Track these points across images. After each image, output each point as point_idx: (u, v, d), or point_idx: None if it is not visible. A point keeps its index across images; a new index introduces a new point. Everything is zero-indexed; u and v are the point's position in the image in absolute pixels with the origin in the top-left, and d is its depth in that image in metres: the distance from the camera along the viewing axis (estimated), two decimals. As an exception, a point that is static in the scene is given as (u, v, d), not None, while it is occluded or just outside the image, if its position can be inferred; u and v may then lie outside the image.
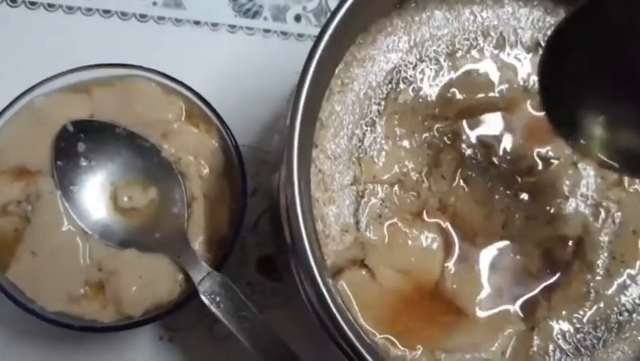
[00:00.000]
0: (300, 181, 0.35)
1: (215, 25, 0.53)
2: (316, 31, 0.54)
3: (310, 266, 0.35)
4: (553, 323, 0.42)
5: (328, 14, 0.54)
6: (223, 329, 0.49)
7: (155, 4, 0.53)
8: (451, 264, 0.41)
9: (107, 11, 0.52)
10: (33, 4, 0.52)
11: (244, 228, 0.50)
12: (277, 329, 0.42)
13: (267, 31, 0.54)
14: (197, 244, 0.43)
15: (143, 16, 0.53)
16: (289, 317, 0.48)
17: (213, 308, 0.41)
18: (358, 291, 0.40)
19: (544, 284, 0.42)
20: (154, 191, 0.43)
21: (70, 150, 0.43)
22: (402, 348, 0.40)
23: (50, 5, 0.52)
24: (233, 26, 0.54)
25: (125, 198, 0.43)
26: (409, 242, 0.41)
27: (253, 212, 0.51)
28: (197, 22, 0.53)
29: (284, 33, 0.54)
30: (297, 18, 0.54)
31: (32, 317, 0.41)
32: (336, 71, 0.42)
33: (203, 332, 0.49)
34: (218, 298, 0.42)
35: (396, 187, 0.41)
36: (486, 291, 0.42)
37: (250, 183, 0.49)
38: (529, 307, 0.42)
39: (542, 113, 0.43)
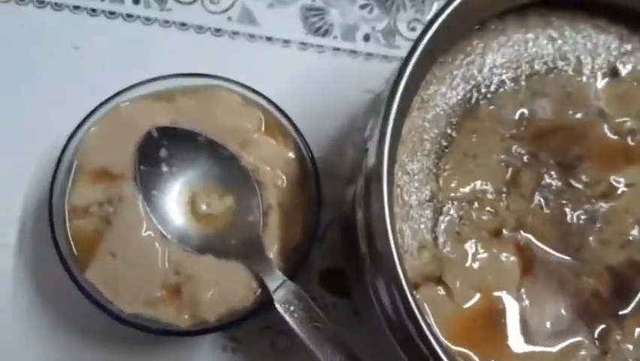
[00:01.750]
0: (389, 193, 0.36)
1: (287, 42, 0.55)
2: (385, 51, 0.56)
3: (399, 278, 0.35)
4: (627, 348, 0.41)
5: (397, 35, 0.56)
6: (286, 342, 0.49)
7: (229, 19, 0.54)
8: (526, 284, 0.42)
9: (183, 24, 0.54)
10: (112, 13, 0.54)
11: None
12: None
13: (336, 49, 0.55)
14: (272, 252, 0.44)
15: (218, 30, 0.54)
16: (352, 334, 0.49)
17: (287, 317, 0.42)
18: (435, 306, 0.40)
19: (618, 310, 0.42)
20: (231, 198, 0.44)
21: (154, 156, 0.44)
22: (477, 363, 0.40)
23: (129, 16, 0.54)
24: (304, 44, 0.55)
25: (204, 205, 0.44)
26: (487, 261, 0.41)
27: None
28: (269, 39, 0.54)
29: (353, 52, 0.55)
30: (366, 37, 0.55)
31: (104, 319, 0.41)
32: (417, 88, 0.43)
33: (266, 344, 0.50)
34: (292, 308, 0.42)
35: (474, 204, 0.42)
36: (559, 314, 0.42)
37: (320, 195, 0.50)
38: (602, 332, 0.41)
39: (617, 137, 0.44)
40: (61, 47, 0.53)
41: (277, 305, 0.42)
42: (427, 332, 0.35)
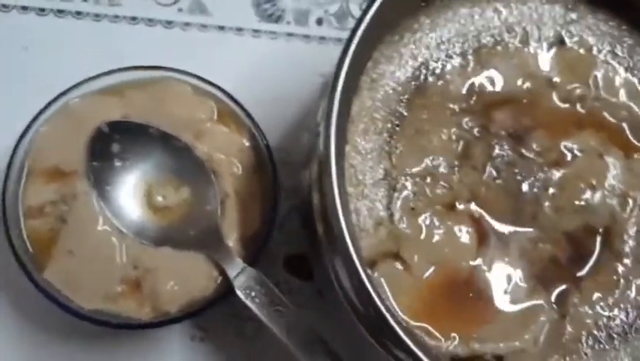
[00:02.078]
0: (338, 175, 0.36)
1: (239, 30, 0.54)
2: (338, 34, 0.56)
3: (351, 258, 0.35)
4: (585, 311, 0.42)
5: (350, 17, 0.56)
6: (253, 329, 0.49)
7: (180, 10, 0.54)
8: (483, 255, 0.42)
9: (133, 18, 0.53)
10: (61, 12, 0.53)
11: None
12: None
13: (289, 35, 0.55)
14: (232, 240, 0.44)
15: (169, 22, 0.54)
16: (318, 315, 0.49)
17: (249, 303, 0.42)
18: (393, 282, 0.41)
19: (575, 273, 0.43)
20: (187, 189, 0.44)
21: (105, 151, 0.43)
22: (437, 337, 0.40)
23: (78, 13, 0.53)
24: (257, 31, 0.55)
25: (159, 198, 0.44)
26: (443, 234, 0.42)
27: (279, 211, 0.52)
28: (221, 28, 0.54)
29: (306, 36, 0.55)
30: (319, 21, 0.55)
31: (67, 316, 0.41)
32: (366, 67, 0.43)
33: (233, 332, 0.50)
34: (253, 293, 0.42)
35: (427, 179, 0.42)
36: (518, 281, 0.42)
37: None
38: (560, 296, 0.42)
39: (567, 106, 0.45)
40: (11, 48, 0.52)
41: (238, 292, 0.42)
42: (383, 310, 0.35)
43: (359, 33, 0.38)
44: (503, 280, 0.42)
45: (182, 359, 0.49)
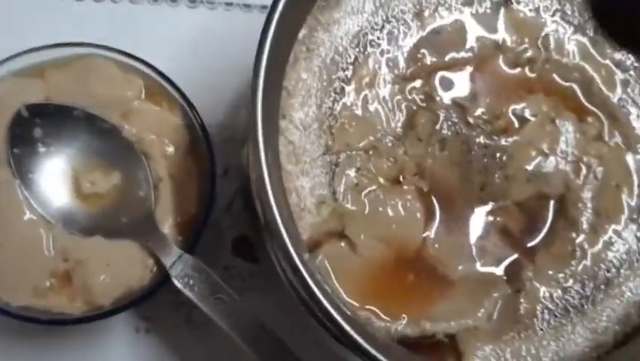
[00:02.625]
0: (266, 152, 0.34)
1: (174, 0, 0.51)
2: (280, 2, 0.53)
3: (283, 241, 0.33)
4: (539, 285, 0.40)
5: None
6: (202, 316, 0.47)
7: (110, -18, 0.51)
8: (432, 230, 0.40)
9: (60, -7, 0.50)
10: (-19, -12, 0.50)
11: (217, 209, 0.48)
12: (257, 311, 0.40)
13: (228, 4, 0.52)
14: (167, 226, 0.41)
15: (98, -5, 0.50)
16: (268, 298, 0.47)
17: (187, 292, 0.40)
18: (338, 264, 0.39)
19: (528, 245, 0.41)
20: (117, 174, 0.42)
21: (27, 136, 0.41)
22: (386, 319, 0.38)
23: (-1, -11, 0.50)
24: (193, 1, 0.52)
25: (88, 184, 0.41)
26: (389, 210, 0.39)
27: (226, 193, 0.49)
28: (155, -1, 0.51)
29: (246, 6, 0.52)
30: (260, -11, 0.52)
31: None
32: (300, 36, 0.40)
33: (181, 320, 0.48)
34: (191, 282, 0.40)
35: (371, 153, 0.40)
36: (468, 256, 0.40)
37: (221, 162, 0.48)
38: (513, 270, 0.40)
39: (517, 70, 0.42)
40: None
41: (175, 281, 0.40)
42: (319, 295, 0.33)
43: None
44: (454, 256, 0.40)
45: (127, 352, 0.47)
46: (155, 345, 0.47)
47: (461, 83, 0.41)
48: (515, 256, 0.41)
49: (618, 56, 0.43)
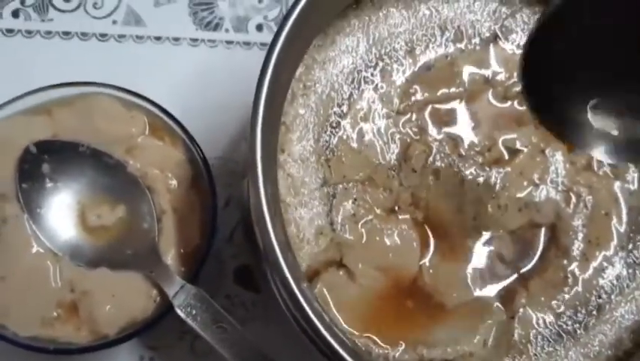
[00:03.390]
0: (265, 185, 0.35)
1: (176, 39, 0.53)
2: (279, 39, 0.55)
3: (282, 271, 0.34)
4: (533, 311, 0.41)
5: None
6: (205, 346, 0.48)
7: (115, 22, 0.53)
8: (427, 258, 0.41)
9: (66, 33, 0.52)
10: (-10, 30, 0.52)
11: (219, 240, 0.49)
12: (259, 340, 0.41)
13: (229, 42, 0.54)
14: (170, 257, 0.43)
15: (103, 35, 0.52)
16: (270, 327, 0.48)
17: (190, 321, 0.41)
18: (337, 292, 0.40)
19: (521, 272, 0.42)
20: (122, 208, 0.43)
21: (35, 172, 0.42)
22: (384, 346, 0.40)
23: (9, 31, 0.52)
24: (195, 40, 0.53)
25: (94, 217, 0.42)
26: (386, 239, 0.41)
27: (227, 224, 0.51)
28: (158, 38, 0.53)
29: (246, 43, 0.54)
30: (259, 27, 0.54)
31: (4, 343, 0.40)
32: (297, 74, 0.42)
33: (185, 349, 0.49)
34: (194, 311, 0.41)
35: (367, 185, 0.41)
36: (463, 283, 0.41)
37: (222, 194, 0.49)
38: (507, 297, 0.42)
39: (507, 104, 0.44)
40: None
41: (178, 310, 0.41)
42: (317, 324, 0.34)
43: (283, 36, 0.37)
44: (449, 284, 0.41)
45: (130, 380, 0.48)
46: (159, 374, 0.48)
47: (453, 117, 0.43)
48: (509, 283, 0.42)
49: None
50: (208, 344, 0.41)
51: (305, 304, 0.34)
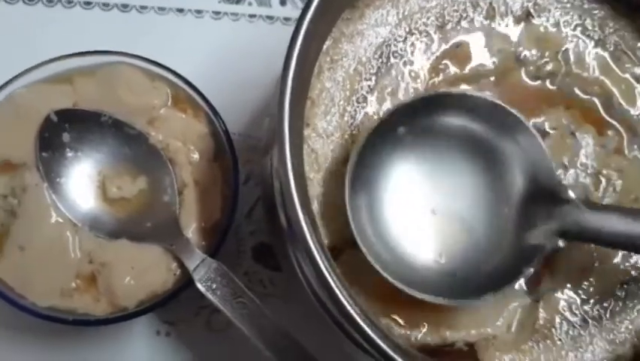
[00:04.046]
0: (293, 160, 0.34)
1: (199, 12, 0.52)
2: (302, 13, 0.54)
3: (309, 248, 0.33)
4: (558, 295, 0.41)
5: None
6: (222, 321, 0.48)
7: (137, -8, 0.52)
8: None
9: (88, 3, 0.51)
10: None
11: (238, 216, 0.49)
12: (278, 317, 0.41)
13: (252, 16, 0.53)
14: (191, 231, 0.42)
15: (125, 6, 0.52)
16: (289, 305, 0.47)
17: (209, 295, 0.40)
18: (359, 272, 0.39)
19: (547, 256, 0.41)
20: (143, 179, 0.42)
21: (55, 141, 0.42)
22: (406, 327, 0.39)
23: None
24: (217, 13, 0.53)
25: (114, 188, 0.42)
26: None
27: (247, 200, 0.50)
28: (180, 10, 0.52)
29: (270, 17, 0.53)
30: (283, 2, 0.53)
31: (23, 313, 0.40)
32: (325, 47, 0.41)
33: (201, 324, 0.48)
34: (214, 286, 0.40)
35: (392, 164, 0.40)
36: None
37: (242, 171, 0.49)
38: (532, 280, 0.41)
39: (537, 83, 0.43)
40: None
41: (198, 284, 0.40)
42: (345, 304, 0.33)
43: (312, 8, 0.36)
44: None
45: (147, 354, 0.47)
46: (175, 349, 0.48)
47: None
48: (534, 266, 0.41)
49: (638, 70, 0.43)
50: (225, 320, 0.41)
51: (333, 284, 0.33)
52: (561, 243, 0.39)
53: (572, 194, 0.38)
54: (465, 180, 0.40)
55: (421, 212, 0.40)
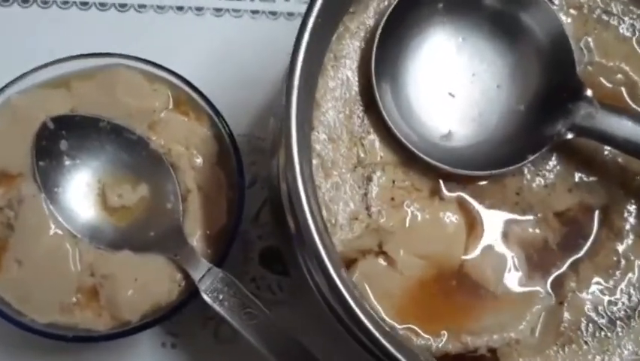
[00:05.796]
0: (301, 163, 0.32)
1: (199, 9, 0.51)
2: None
3: (320, 255, 0.32)
4: (584, 296, 0.39)
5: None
6: (229, 332, 0.46)
7: (134, -9, 0.50)
8: (473, 243, 0.38)
9: (84, 3, 0.50)
10: (6, 0, 0.49)
11: (245, 221, 0.47)
12: (287, 325, 0.39)
13: (254, 12, 0.51)
14: (195, 239, 0.40)
15: (122, 5, 0.50)
16: (299, 311, 0.46)
17: (216, 307, 0.39)
18: (375, 281, 0.37)
19: (572, 256, 0.39)
20: (145, 187, 0.41)
21: (52, 149, 0.40)
22: (426, 336, 0.37)
23: (24, 1, 0.49)
24: (219, 9, 0.51)
25: (115, 197, 0.40)
26: (429, 224, 0.38)
27: (253, 204, 0.48)
28: (180, 8, 0.50)
29: (272, 13, 0.51)
30: (286, -4, 0.51)
31: (20, 331, 0.38)
32: (330, 43, 0.39)
33: (208, 335, 0.47)
34: (221, 296, 0.39)
35: (407, 165, 0.38)
36: (511, 268, 0.39)
37: (247, 173, 0.47)
38: (557, 281, 0.39)
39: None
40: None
41: (204, 295, 0.39)
42: (358, 313, 0.32)
43: (317, 6, 0.34)
44: (495, 269, 0.39)
45: (153, 367, 0.46)
46: (181, 360, 0.46)
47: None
48: (558, 266, 0.39)
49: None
50: (232, 331, 0.39)
51: (344, 291, 0.31)
52: (570, 135, 0.38)
53: (589, 92, 0.37)
54: (485, 67, 0.40)
55: (440, 94, 0.40)
